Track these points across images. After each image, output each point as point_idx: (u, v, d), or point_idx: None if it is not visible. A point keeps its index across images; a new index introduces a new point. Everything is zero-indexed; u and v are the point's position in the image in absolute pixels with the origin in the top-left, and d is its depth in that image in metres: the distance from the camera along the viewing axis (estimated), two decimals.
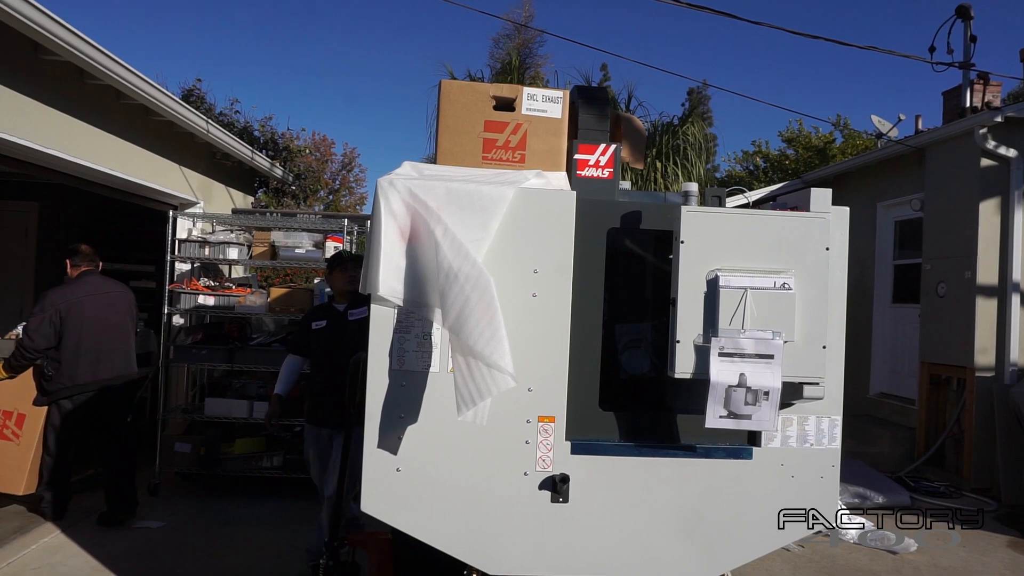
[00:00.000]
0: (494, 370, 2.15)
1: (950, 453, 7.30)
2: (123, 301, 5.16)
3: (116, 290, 5.16)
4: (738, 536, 2.52)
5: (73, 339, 4.82)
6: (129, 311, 5.19)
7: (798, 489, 2.53)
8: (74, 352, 4.84)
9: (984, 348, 6.91)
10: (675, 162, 8.94)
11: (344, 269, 4.30)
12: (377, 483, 2.40)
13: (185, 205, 7.65)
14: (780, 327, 2.30)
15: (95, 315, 4.93)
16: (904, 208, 8.42)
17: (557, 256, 2.45)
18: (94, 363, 4.90)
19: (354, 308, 4.23)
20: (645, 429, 2.54)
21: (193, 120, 7.06)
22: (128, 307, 5.19)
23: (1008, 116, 6.77)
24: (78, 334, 4.84)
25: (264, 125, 12.69)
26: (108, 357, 4.98)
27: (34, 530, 4.84)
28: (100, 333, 4.94)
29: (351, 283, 4.22)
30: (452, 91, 2.75)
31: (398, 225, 2.34)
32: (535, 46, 10.14)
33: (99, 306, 4.96)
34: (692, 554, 2.50)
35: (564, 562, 2.46)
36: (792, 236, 2.37)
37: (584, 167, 2.62)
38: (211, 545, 4.79)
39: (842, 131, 17.72)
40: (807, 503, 2.54)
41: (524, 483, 2.43)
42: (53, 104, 5.35)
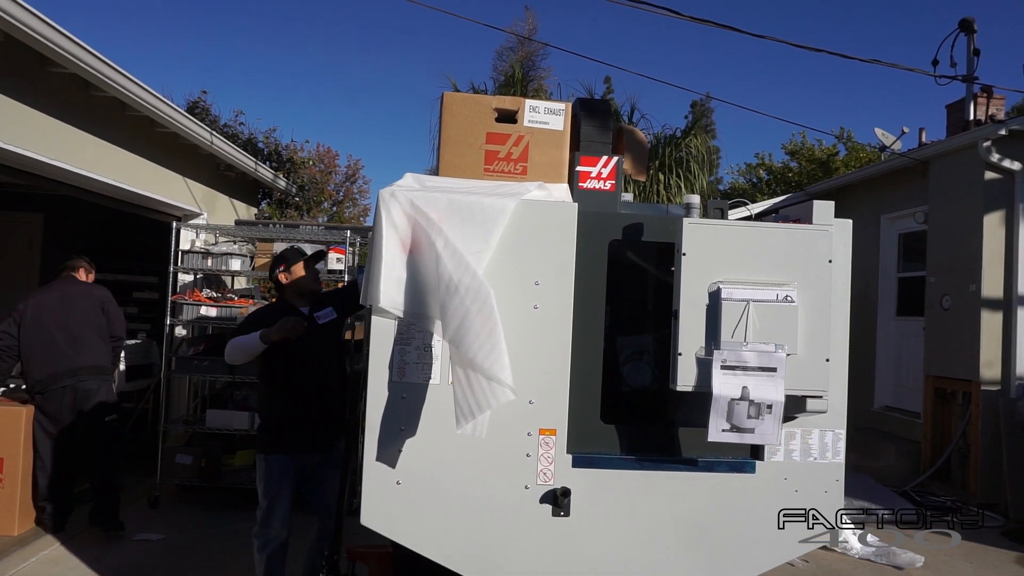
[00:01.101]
0: (493, 383, 2.14)
1: (956, 467, 7.23)
2: (86, 297, 5.21)
3: (83, 289, 5.26)
4: (741, 551, 2.49)
5: (32, 335, 4.95)
6: (94, 307, 5.23)
7: (802, 503, 2.51)
8: (35, 348, 4.96)
9: (989, 361, 6.87)
10: (678, 174, 8.95)
11: (308, 265, 3.76)
12: (377, 496, 2.38)
13: (189, 216, 7.68)
14: (783, 340, 2.29)
15: (57, 313, 5.04)
16: (908, 221, 8.40)
17: (558, 268, 2.44)
18: (56, 357, 4.96)
19: (318, 310, 3.70)
20: (647, 442, 2.52)
21: (197, 132, 7.10)
22: (93, 303, 5.23)
23: (1012, 129, 6.77)
24: (38, 331, 4.96)
25: (268, 137, 12.77)
26: (72, 352, 5.01)
27: (33, 543, 4.81)
28: (61, 329, 5.01)
29: (317, 281, 3.80)
30: (454, 103, 2.75)
31: (399, 237, 2.34)
32: (538, 59, 10.21)
33: (62, 304, 5.09)
34: (695, 569, 2.47)
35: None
36: (795, 248, 2.36)
37: (586, 179, 2.63)
38: (211, 558, 4.77)
39: (846, 144, 17.72)
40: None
41: (525, 496, 2.41)
42: (59, 116, 5.39)
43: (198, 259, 6.27)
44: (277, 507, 3.52)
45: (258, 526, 3.56)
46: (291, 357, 3.53)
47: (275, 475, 3.52)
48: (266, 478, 3.53)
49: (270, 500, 3.52)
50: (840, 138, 17.71)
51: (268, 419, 3.67)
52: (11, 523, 4.92)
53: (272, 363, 3.56)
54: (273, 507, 3.51)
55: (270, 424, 3.63)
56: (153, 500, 5.74)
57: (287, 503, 3.55)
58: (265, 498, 3.53)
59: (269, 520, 3.52)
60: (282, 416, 3.59)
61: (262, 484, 3.55)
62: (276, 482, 3.52)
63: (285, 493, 3.54)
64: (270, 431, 3.60)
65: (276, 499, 3.52)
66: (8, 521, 4.92)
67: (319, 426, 3.60)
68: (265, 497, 3.53)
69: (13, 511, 4.93)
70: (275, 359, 3.53)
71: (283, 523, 3.54)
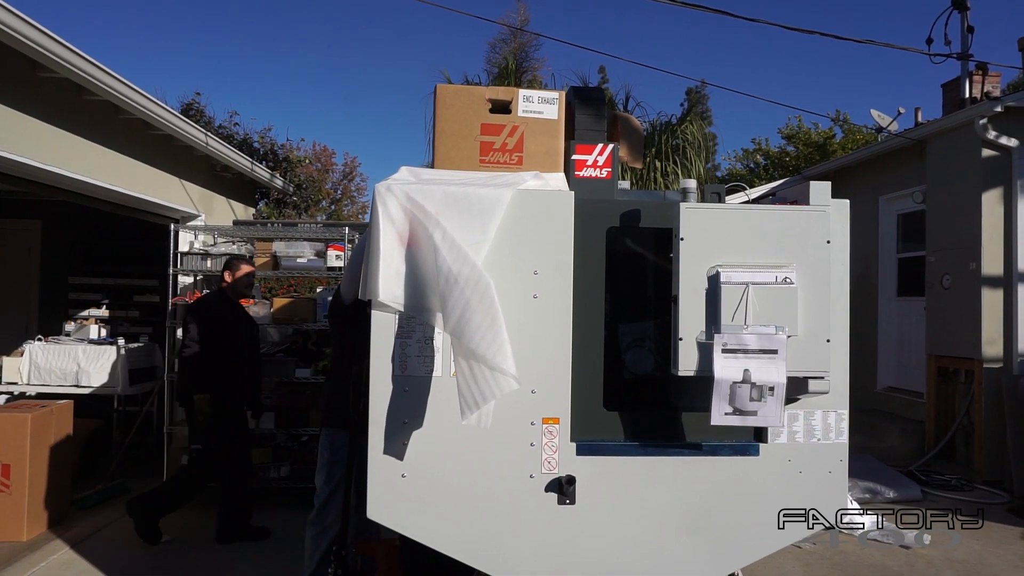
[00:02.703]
0: (496, 373, 2.15)
1: (960, 446, 7.25)
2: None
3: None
4: (747, 534, 2.50)
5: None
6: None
7: (806, 485, 2.51)
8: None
9: (991, 339, 6.87)
10: (674, 161, 8.93)
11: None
12: (383, 489, 2.39)
13: (187, 218, 7.67)
14: (783, 322, 2.29)
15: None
16: (906, 201, 8.39)
17: (557, 257, 2.44)
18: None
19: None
20: (650, 428, 2.52)
21: (192, 133, 7.09)
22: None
23: (1008, 106, 6.75)
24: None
25: (264, 136, 12.72)
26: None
27: (43, 547, 4.84)
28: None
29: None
30: (447, 96, 2.74)
31: (397, 230, 2.33)
32: (531, 49, 10.16)
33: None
34: (701, 553, 2.48)
35: (572, 564, 2.44)
36: (792, 230, 2.35)
37: (582, 167, 2.62)
38: (219, 557, 4.78)
39: (842, 126, 17.69)
40: (816, 498, 2.51)
41: (530, 485, 2.42)
42: (52, 121, 5.37)
43: (197, 260, 6.27)
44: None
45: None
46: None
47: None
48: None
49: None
50: (836, 121, 17.68)
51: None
52: (20, 528, 4.95)
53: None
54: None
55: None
56: None
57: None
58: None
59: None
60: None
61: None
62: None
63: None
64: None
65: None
66: (16, 527, 4.95)
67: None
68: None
69: (21, 517, 4.96)
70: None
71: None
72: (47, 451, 5.17)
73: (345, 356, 3.63)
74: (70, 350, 6.37)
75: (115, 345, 6.40)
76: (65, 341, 6.67)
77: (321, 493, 3.61)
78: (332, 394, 3.66)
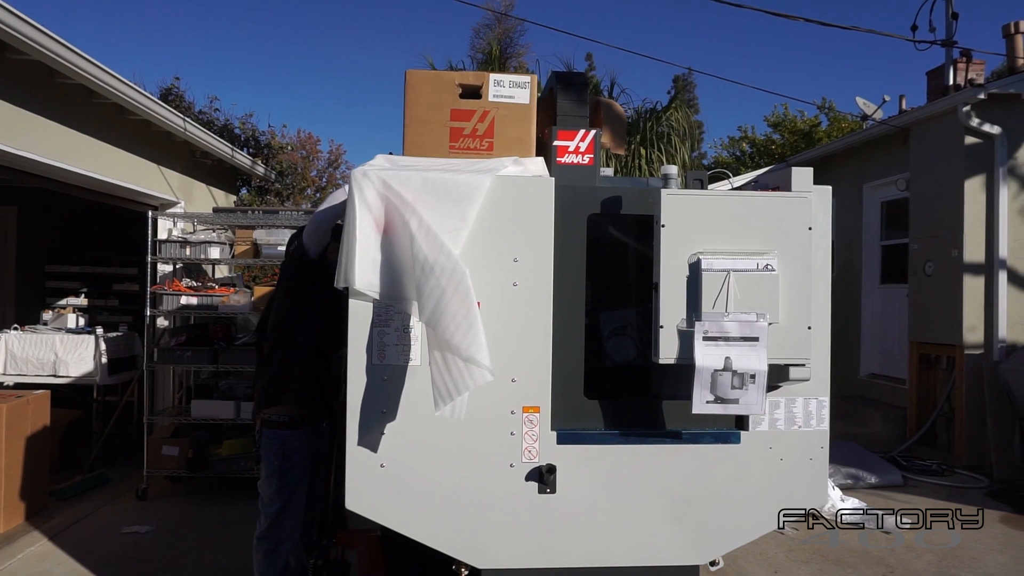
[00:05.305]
0: (471, 364, 2.11)
1: (941, 431, 7.33)
2: None
3: None
4: (729, 521, 2.49)
5: None
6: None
7: (787, 472, 2.51)
8: None
9: (972, 326, 6.93)
10: (659, 148, 8.89)
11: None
12: (361, 479, 2.35)
13: (166, 205, 7.55)
14: (764, 309, 2.27)
15: None
16: (890, 188, 8.42)
17: (537, 244, 2.40)
18: None
19: None
20: (631, 416, 2.50)
21: (170, 118, 6.96)
22: None
23: (991, 93, 6.77)
24: None
25: (245, 122, 12.55)
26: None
27: (20, 539, 4.77)
28: None
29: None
30: (417, 81, 2.68)
31: (373, 217, 2.28)
32: (516, 35, 10.08)
33: None
34: (683, 540, 2.47)
35: (553, 553, 2.43)
36: (774, 217, 2.33)
37: (564, 153, 2.57)
38: (201, 548, 4.74)
39: (827, 114, 17.72)
40: (797, 485, 2.51)
41: (510, 475, 2.40)
42: (24, 105, 5.24)
43: (176, 248, 6.16)
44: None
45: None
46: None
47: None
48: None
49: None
50: (822, 108, 17.72)
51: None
52: None
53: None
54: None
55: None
56: (141, 492, 5.70)
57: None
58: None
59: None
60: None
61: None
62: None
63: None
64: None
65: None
66: None
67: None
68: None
69: None
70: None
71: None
72: (23, 442, 5.09)
73: (298, 322, 3.04)
74: (47, 339, 6.26)
75: (94, 334, 6.30)
76: (42, 330, 6.56)
77: (271, 505, 3.04)
78: (278, 376, 3.04)
